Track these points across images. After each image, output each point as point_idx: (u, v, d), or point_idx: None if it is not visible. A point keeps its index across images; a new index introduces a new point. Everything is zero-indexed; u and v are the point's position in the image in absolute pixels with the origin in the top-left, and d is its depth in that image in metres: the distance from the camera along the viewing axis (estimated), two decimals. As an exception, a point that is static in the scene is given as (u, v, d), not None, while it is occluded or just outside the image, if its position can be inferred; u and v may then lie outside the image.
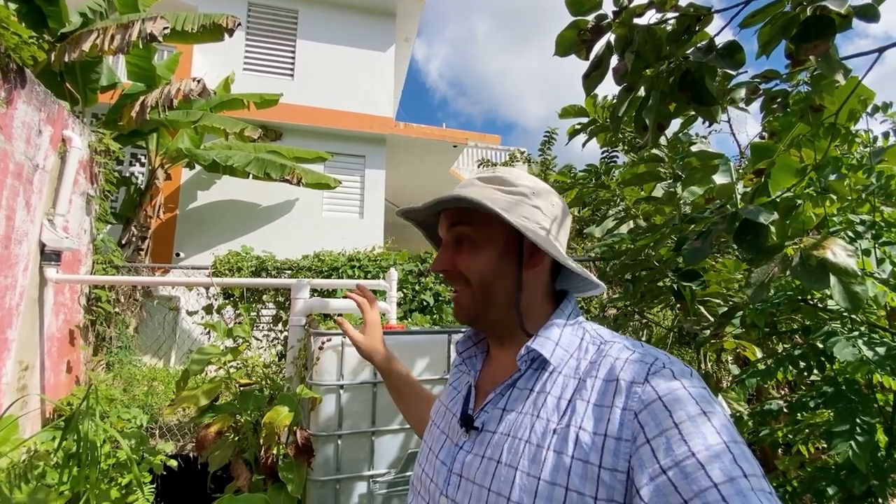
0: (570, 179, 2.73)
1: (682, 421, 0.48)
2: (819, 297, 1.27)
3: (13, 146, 2.53)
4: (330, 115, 7.21)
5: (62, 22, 4.27)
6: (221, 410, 2.44)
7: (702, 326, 1.74)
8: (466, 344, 0.77)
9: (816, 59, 1.07)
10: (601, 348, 0.61)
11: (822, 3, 1.04)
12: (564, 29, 1.35)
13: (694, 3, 1.27)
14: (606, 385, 0.55)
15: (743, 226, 1.26)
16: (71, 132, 3.00)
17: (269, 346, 3.69)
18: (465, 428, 0.64)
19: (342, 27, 7.74)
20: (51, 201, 2.92)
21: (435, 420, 0.74)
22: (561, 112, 2.16)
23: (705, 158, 1.79)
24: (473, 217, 0.67)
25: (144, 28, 3.55)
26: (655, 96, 1.39)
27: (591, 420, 0.53)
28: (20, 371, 2.69)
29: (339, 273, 3.68)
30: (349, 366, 1.94)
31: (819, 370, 1.28)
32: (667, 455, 0.47)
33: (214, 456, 2.43)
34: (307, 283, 2.42)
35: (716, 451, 0.46)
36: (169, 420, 3.50)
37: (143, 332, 4.31)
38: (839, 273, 1.04)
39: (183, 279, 3.67)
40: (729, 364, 3.10)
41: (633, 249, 1.55)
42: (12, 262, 2.58)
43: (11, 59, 2.42)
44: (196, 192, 6.76)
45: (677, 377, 0.52)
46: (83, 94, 4.75)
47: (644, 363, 0.55)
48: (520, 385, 0.63)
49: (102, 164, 3.46)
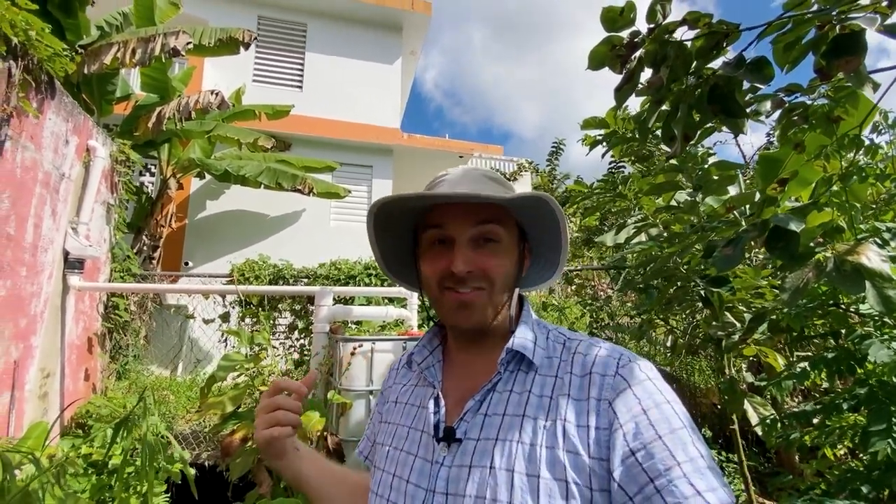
0: (586, 189, 2.79)
1: (649, 408, 0.52)
2: (849, 302, 1.31)
3: (42, 155, 2.57)
4: (338, 126, 7.31)
5: (80, 34, 4.36)
6: (244, 417, 2.46)
7: (727, 332, 1.78)
8: (423, 354, 0.71)
9: (847, 74, 1.12)
10: (567, 345, 0.63)
11: (851, 20, 1.09)
12: (598, 44, 1.41)
13: (724, 21, 1.33)
14: (581, 380, 0.58)
15: (774, 233, 1.30)
16: (95, 142, 3.05)
17: (286, 353, 3.71)
18: (445, 441, 0.60)
19: (350, 40, 7.89)
20: (74, 210, 2.96)
21: (390, 442, 0.67)
22: (582, 124, 2.22)
23: (724, 169, 1.86)
24: (502, 217, 0.64)
25: (167, 43, 3.63)
26: (683, 108, 1.44)
27: (573, 413, 0.55)
28: (42, 378, 2.71)
29: (355, 281, 3.71)
30: (378, 371, 1.97)
31: (850, 373, 1.32)
32: (635, 438, 0.51)
33: (236, 464, 2.44)
34: (330, 291, 2.46)
35: (678, 434, 0.50)
36: (183, 428, 3.50)
37: (153, 341, 4.33)
38: (873, 277, 1.08)
39: (206, 287, 3.70)
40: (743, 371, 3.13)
41: (661, 257, 1.60)
42: (38, 269, 2.61)
43: (44, 70, 2.48)
44: (205, 202, 6.81)
45: (643, 370, 0.57)
46: (98, 105, 4.82)
47: (612, 357, 0.59)
48: (499, 388, 0.61)
49: (122, 173, 3.51)
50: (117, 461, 2.24)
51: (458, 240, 0.63)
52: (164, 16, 5.16)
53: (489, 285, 0.62)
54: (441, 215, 0.64)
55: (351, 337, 2.08)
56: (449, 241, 0.63)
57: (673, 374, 4.23)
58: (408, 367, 0.75)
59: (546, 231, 0.67)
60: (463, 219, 0.63)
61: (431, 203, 0.65)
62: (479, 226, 0.63)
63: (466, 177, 0.66)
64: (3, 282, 2.32)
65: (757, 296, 1.92)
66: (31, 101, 2.40)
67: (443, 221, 0.64)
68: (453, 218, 0.63)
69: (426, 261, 0.66)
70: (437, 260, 0.64)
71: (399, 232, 0.71)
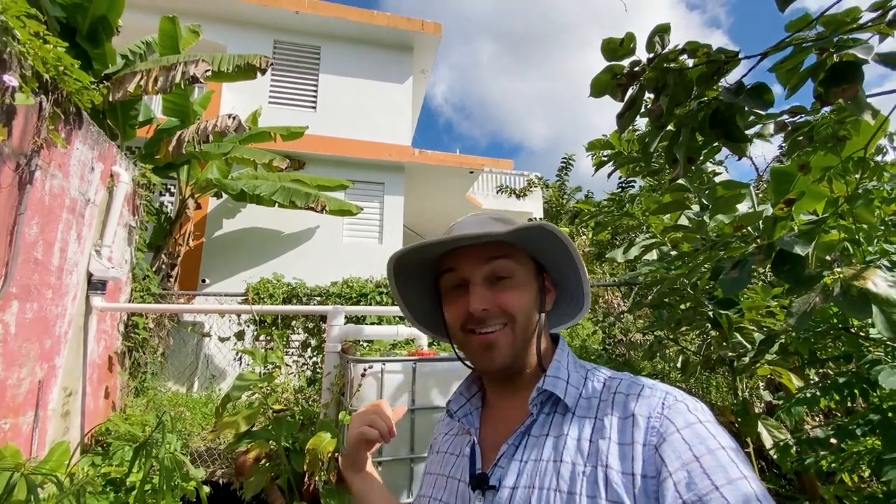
0: (594, 207, 2.80)
1: (702, 454, 0.48)
2: (860, 326, 1.29)
3: (69, 183, 2.70)
4: (350, 145, 7.46)
5: (106, 64, 4.58)
6: (258, 436, 2.49)
7: (738, 353, 1.76)
8: (460, 401, 0.71)
9: (845, 102, 1.13)
10: (607, 385, 0.60)
11: (848, 50, 1.11)
12: (600, 73, 1.44)
13: (723, 49, 1.35)
14: (623, 423, 0.54)
15: (780, 256, 1.30)
16: (119, 168, 3.19)
17: (299, 371, 3.75)
18: (480, 490, 0.58)
19: (362, 61, 8.10)
20: (98, 233, 3.08)
21: (430, 494, 0.68)
22: (588, 146, 2.25)
23: (731, 188, 1.86)
24: (512, 252, 0.65)
25: (187, 70, 3.79)
26: (686, 133, 1.46)
27: (617, 459, 0.51)
28: (64, 397, 2.79)
29: (367, 300, 3.76)
30: (388, 391, 1.99)
31: (863, 398, 1.30)
32: (689, 490, 0.46)
33: (250, 482, 2.47)
34: (343, 310, 2.50)
35: (737, 485, 0.45)
36: (198, 446, 3.55)
37: (169, 358, 4.42)
38: (881, 303, 1.07)
39: (224, 307, 3.79)
40: (761, 389, 3.06)
41: (669, 278, 1.60)
42: (63, 291, 2.72)
43: (72, 102, 2.62)
44: (222, 221, 6.98)
45: (692, 411, 0.53)
46: (122, 130, 5.02)
47: (657, 397, 0.55)
48: (534, 432, 0.59)
49: (143, 196, 3.64)
50: (135, 479, 2.29)
51: (472, 280, 0.64)
52: (186, 43, 5.39)
53: (510, 320, 0.62)
54: (453, 260, 0.66)
55: (361, 358, 2.11)
56: (465, 283, 0.65)
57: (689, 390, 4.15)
58: (449, 416, 0.73)
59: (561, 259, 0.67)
60: (473, 259, 0.64)
61: (441, 251, 0.67)
62: (489, 263, 0.63)
63: (474, 221, 0.68)
64: (30, 304, 2.42)
65: (769, 314, 1.90)
66: (60, 132, 2.53)
67: (455, 265, 0.65)
68: (464, 260, 0.65)
69: (447, 307, 0.68)
70: (456, 304, 0.65)
71: (421, 285, 0.73)
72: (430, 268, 0.71)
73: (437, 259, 0.69)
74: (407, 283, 0.72)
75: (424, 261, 0.69)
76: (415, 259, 0.68)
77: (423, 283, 0.73)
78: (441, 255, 0.68)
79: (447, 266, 0.67)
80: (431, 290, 0.73)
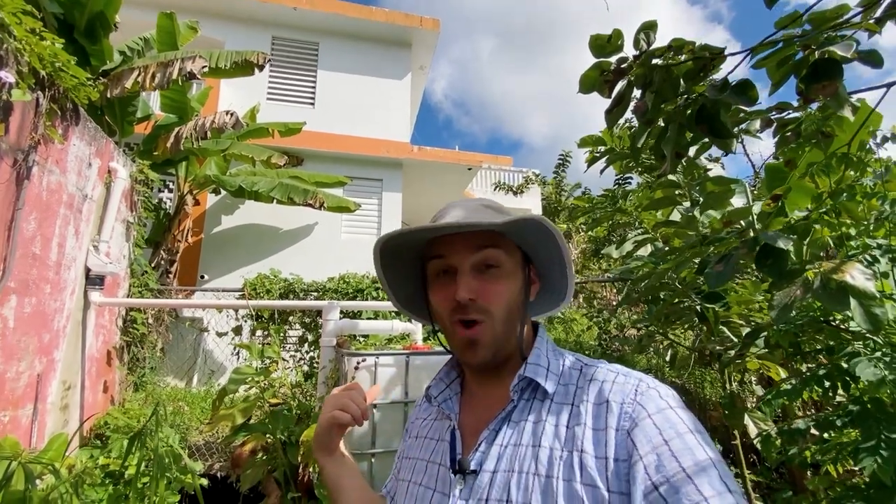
0: (587, 204, 2.82)
1: (671, 438, 0.50)
2: (841, 319, 1.32)
3: (66, 178, 2.72)
4: (349, 141, 7.47)
5: (104, 60, 4.58)
6: (254, 429, 2.52)
7: (725, 347, 1.79)
8: (440, 387, 0.72)
9: (826, 98, 1.15)
10: (584, 371, 0.62)
11: (829, 48, 1.13)
12: (588, 69, 1.46)
13: (708, 45, 1.37)
14: (598, 408, 0.56)
15: (763, 250, 1.32)
16: (116, 164, 3.20)
17: (296, 366, 3.79)
18: (461, 474, 0.59)
19: (360, 57, 8.10)
20: (96, 228, 3.10)
21: (409, 478, 0.68)
22: (580, 142, 2.27)
23: (722, 184, 1.88)
24: (501, 241, 0.65)
25: (184, 67, 3.80)
26: (673, 129, 1.48)
27: (591, 444, 0.53)
28: (63, 391, 2.82)
29: (363, 295, 3.78)
30: (381, 384, 2.02)
31: (844, 389, 1.32)
32: (658, 472, 0.48)
33: (247, 475, 2.50)
34: (337, 305, 2.53)
35: (704, 466, 0.48)
36: (197, 439, 3.59)
37: (168, 353, 4.45)
38: (859, 296, 1.09)
39: (221, 302, 3.82)
40: (753, 384, 3.09)
41: (657, 273, 1.62)
42: (61, 286, 2.74)
43: (69, 98, 2.63)
44: (220, 217, 7.00)
45: (663, 397, 0.55)
46: (120, 127, 5.04)
47: (630, 384, 0.57)
48: (514, 418, 0.61)
49: (141, 192, 3.66)
50: (132, 471, 2.33)
51: (460, 268, 0.64)
52: (184, 39, 5.40)
53: (489, 318, 0.62)
54: (442, 246, 0.66)
55: (355, 351, 2.14)
56: (452, 270, 0.65)
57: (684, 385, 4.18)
58: (427, 401, 0.74)
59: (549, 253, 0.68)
60: (463, 247, 0.64)
61: (431, 236, 0.66)
62: (479, 252, 0.63)
63: (464, 207, 0.68)
64: (28, 299, 2.45)
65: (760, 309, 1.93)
66: (57, 129, 2.55)
67: (444, 252, 0.65)
68: (453, 247, 0.64)
69: (434, 291, 0.68)
70: (443, 290, 0.65)
71: (407, 269, 0.74)
72: (416, 252, 0.71)
73: (424, 244, 0.69)
74: (393, 266, 0.73)
75: (412, 244, 0.69)
76: (402, 243, 0.68)
77: (408, 267, 0.73)
78: (429, 240, 0.68)
79: (436, 252, 0.66)
80: (417, 273, 0.73)
